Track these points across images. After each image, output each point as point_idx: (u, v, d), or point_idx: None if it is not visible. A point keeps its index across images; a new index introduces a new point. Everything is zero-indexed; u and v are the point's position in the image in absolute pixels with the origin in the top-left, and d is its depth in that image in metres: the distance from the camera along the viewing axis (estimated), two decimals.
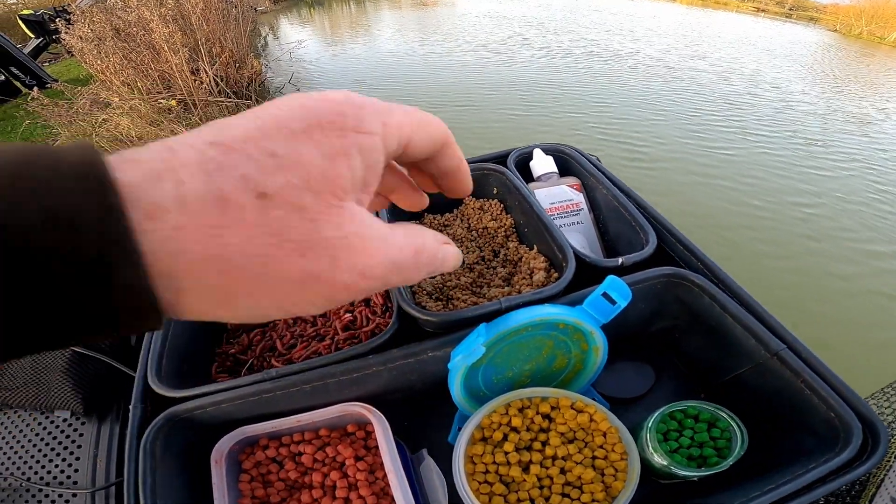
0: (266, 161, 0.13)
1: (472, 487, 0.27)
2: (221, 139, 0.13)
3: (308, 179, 0.14)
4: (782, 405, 0.29)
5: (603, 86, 3.92)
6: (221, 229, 0.13)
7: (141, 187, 0.12)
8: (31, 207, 0.10)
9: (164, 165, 0.12)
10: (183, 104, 2.79)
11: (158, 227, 0.12)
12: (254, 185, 0.13)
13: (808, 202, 2.47)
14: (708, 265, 0.34)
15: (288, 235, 0.13)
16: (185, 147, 0.13)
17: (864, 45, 5.60)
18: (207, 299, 0.13)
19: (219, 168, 0.13)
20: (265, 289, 0.13)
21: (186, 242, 0.12)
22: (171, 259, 0.12)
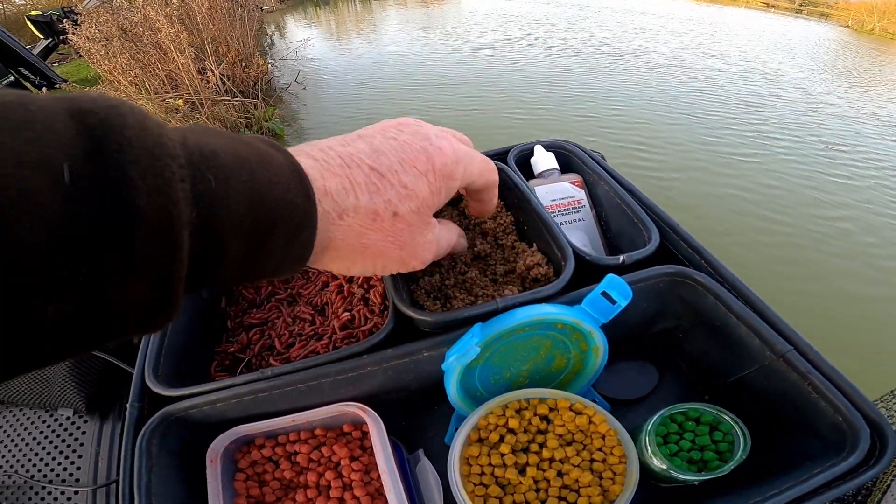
0: (401, 191, 0.21)
1: (468, 489, 0.26)
2: (378, 167, 0.21)
3: (419, 206, 0.22)
4: (788, 408, 0.28)
5: (615, 87, 3.78)
6: (369, 229, 0.21)
7: (339, 195, 0.20)
8: (277, 194, 0.17)
9: (349, 183, 0.20)
10: (190, 103, 2.81)
11: (342, 223, 0.20)
12: (393, 207, 0.21)
13: (835, 215, 2.30)
14: (713, 264, 0.34)
15: (399, 238, 0.22)
16: (356, 167, 0.20)
17: (877, 42, 5.46)
18: (341, 263, 0.21)
19: (376, 191, 0.21)
20: (374, 261, 0.22)
21: (350, 234, 0.20)
22: (339, 240, 0.20)
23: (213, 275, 0.15)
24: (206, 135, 0.16)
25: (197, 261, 0.14)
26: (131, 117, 0.13)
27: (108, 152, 0.12)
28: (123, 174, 0.12)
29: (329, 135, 0.48)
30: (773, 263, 1.96)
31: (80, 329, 0.12)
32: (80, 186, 0.11)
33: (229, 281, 0.17)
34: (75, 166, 0.11)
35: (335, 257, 0.21)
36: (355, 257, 0.21)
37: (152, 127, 0.13)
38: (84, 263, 0.11)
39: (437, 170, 0.23)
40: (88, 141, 0.11)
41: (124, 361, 0.44)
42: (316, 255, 0.20)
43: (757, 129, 3.17)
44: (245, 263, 0.16)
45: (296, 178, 0.18)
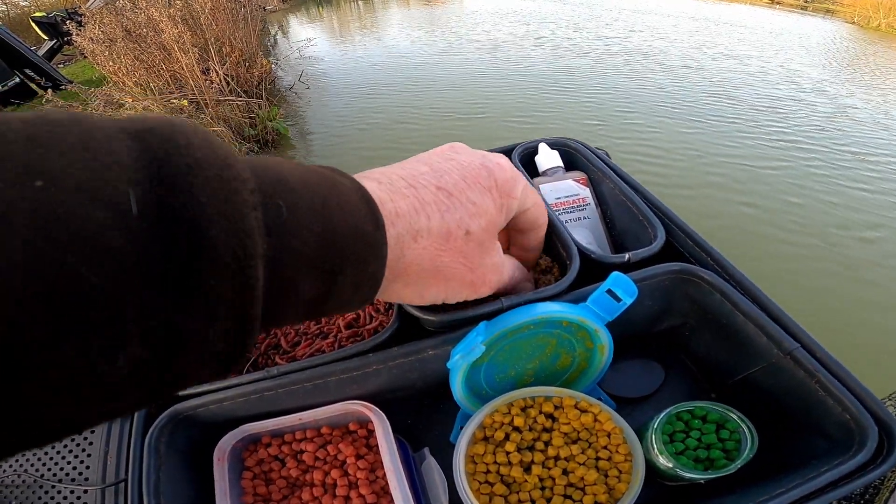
0: (470, 208, 0.21)
1: (473, 487, 0.26)
2: (444, 185, 0.20)
3: (488, 224, 0.22)
4: (795, 406, 0.28)
5: (625, 90, 3.58)
6: (443, 251, 0.20)
7: (411, 216, 0.18)
8: (348, 225, 0.15)
9: (419, 203, 0.19)
10: (194, 104, 2.82)
11: (417, 246, 0.19)
12: (465, 226, 0.20)
13: (866, 236, 2.07)
14: (719, 261, 0.33)
15: (471, 259, 0.21)
16: (422, 188, 0.20)
17: (882, 37, 5.36)
18: (414, 290, 0.20)
19: (447, 210, 0.20)
20: (446, 286, 0.21)
21: (424, 257, 0.19)
22: (414, 265, 0.19)
23: (281, 316, 0.14)
24: (271, 160, 0.14)
25: (269, 297, 0.12)
26: (195, 136, 0.11)
27: (176, 175, 0.10)
28: (192, 202, 0.10)
29: (334, 133, 0.47)
30: (793, 277, 1.81)
31: (151, 383, 0.11)
32: (148, 217, 0.10)
33: (292, 322, 0.15)
34: (139, 193, 0.10)
35: (408, 283, 0.20)
36: (428, 282, 0.20)
37: (218, 147, 0.12)
38: (156, 309, 0.10)
39: (499, 185, 0.22)
40: (152, 163, 0.10)
41: None
42: (387, 283, 0.18)
43: (780, 136, 2.96)
44: (315, 303, 0.15)
45: (365, 205, 0.16)
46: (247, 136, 2.89)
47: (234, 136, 2.78)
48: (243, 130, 2.90)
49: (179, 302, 0.10)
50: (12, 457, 0.09)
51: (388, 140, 2.93)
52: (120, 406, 0.11)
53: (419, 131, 2.99)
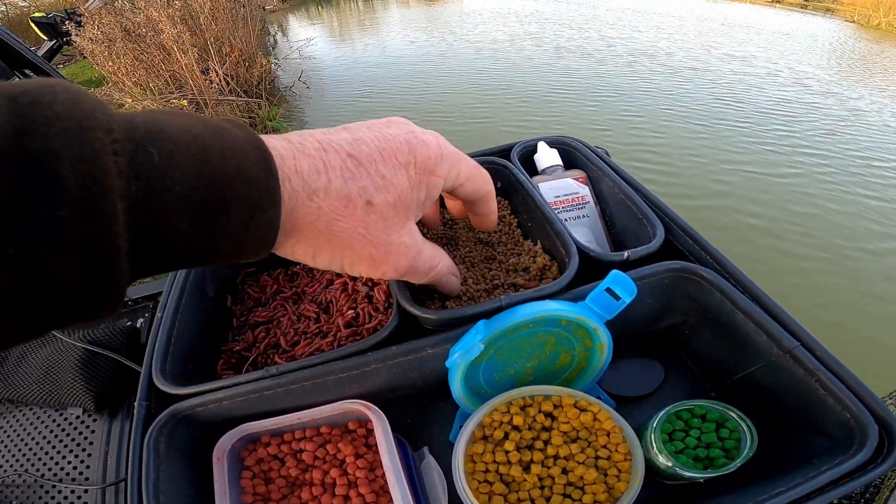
0: (378, 180, 0.20)
1: (472, 486, 0.26)
2: (356, 154, 0.20)
3: (396, 199, 0.21)
4: (795, 405, 0.28)
5: (628, 94, 3.44)
6: (340, 216, 0.20)
7: (310, 175, 0.19)
8: (230, 167, 0.16)
9: (322, 165, 0.19)
10: (194, 104, 2.82)
11: (311, 204, 0.19)
12: (367, 196, 0.20)
13: (890, 248, 1.94)
14: (718, 259, 0.33)
15: (371, 232, 0.21)
16: (333, 152, 0.20)
17: (884, 36, 5.32)
18: (306, 249, 0.20)
19: (351, 177, 0.20)
20: (340, 253, 0.21)
21: (320, 218, 0.19)
22: (307, 223, 0.19)
23: (159, 253, 0.15)
24: (164, 114, 0.16)
25: (141, 237, 0.14)
26: (64, 94, 0.13)
27: (35, 127, 0.12)
28: (48, 146, 0.12)
29: None
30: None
31: (16, 307, 0.12)
32: (6, 160, 0.11)
33: (188, 262, 0.16)
34: (2, 142, 0.11)
35: (300, 240, 0.20)
36: (321, 244, 0.20)
37: (86, 102, 0.13)
38: (11, 236, 0.11)
39: (418, 163, 0.22)
40: (18, 118, 0.12)
41: (132, 360, 0.44)
42: (281, 238, 0.19)
43: (790, 142, 2.81)
44: (201, 242, 0.16)
45: (257, 153, 0.17)
46: None
47: None
48: None
49: (31, 230, 0.11)
50: None
51: None
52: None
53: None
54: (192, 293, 0.39)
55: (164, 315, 0.36)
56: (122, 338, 0.47)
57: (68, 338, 0.46)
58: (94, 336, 0.46)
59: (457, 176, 0.24)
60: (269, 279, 0.44)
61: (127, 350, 0.46)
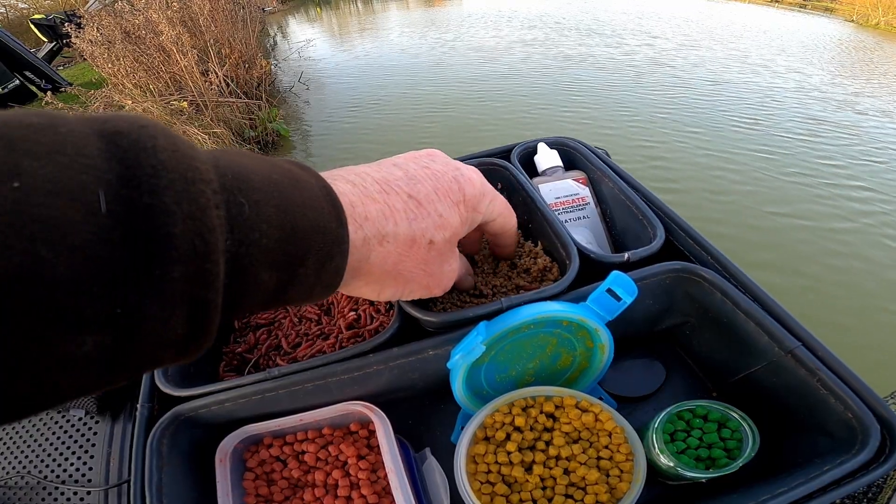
0: (437, 219, 0.22)
1: (474, 487, 0.26)
2: (415, 194, 0.21)
3: (451, 236, 0.23)
4: (797, 405, 0.28)
5: (638, 109, 3.14)
6: (405, 257, 0.21)
7: (379, 221, 0.20)
8: (308, 219, 0.16)
9: (388, 210, 0.20)
10: (194, 105, 2.82)
11: (382, 250, 0.20)
12: (429, 236, 0.22)
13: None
14: (719, 259, 0.33)
15: (430, 266, 0.23)
16: (394, 194, 0.21)
17: (882, 35, 5.28)
18: (373, 288, 0.22)
19: (415, 218, 0.21)
20: (403, 287, 0.23)
21: (388, 260, 0.21)
22: (377, 266, 0.20)
23: (243, 304, 0.15)
24: (238, 157, 0.15)
25: (229, 291, 0.14)
26: (163, 139, 0.12)
27: (142, 177, 0.11)
28: (158, 200, 0.11)
29: (334, 134, 0.46)
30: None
31: (116, 362, 0.12)
32: (115, 215, 0.11)
33: (257, 310, 0.16)
34: (109, 193, 0.11)
35: (368, 282, 0.21)
36: (387, 282, 0.22)
37: (184, 149, 0.13)
38: (120, 297, 0.11)
39: (467, 200, 0.24)
40: (120, 165, 0.11)
41: None
42: (350, 278, 0.20)
43: (827, 172, 2.43)
44: (276, 292, 0.16)
45: (328, 202, 0.17)
46: (247, 138, 2.89)
47: (235, 138, 2.78)
48: (243, 132, 2.90)
49: (140, 291, 0.11)
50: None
51: (388, 140, 2.93)
52: (87, 383, 0.12)
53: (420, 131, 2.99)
54: None
55: None
56: None
57: None
58: None
59: (491, 212, 0.26)
60: None
61: None
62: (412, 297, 0.24)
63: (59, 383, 0.11)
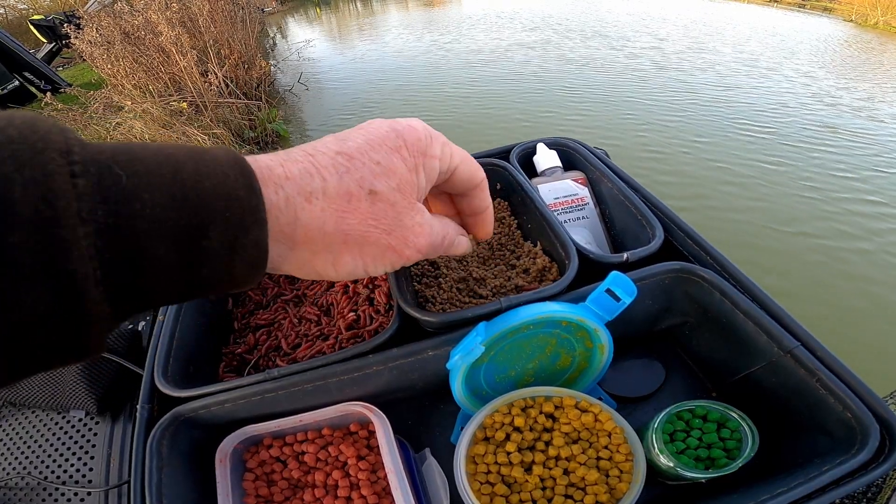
0: (374, 168, 0.20)
1: (474, 488, 0.26)
2: (345, 150, 0.19)
3: (399, 184, 0.20)
4: (796, 405, 0.28)
5: (645, 123, 2.91)
6: (346, 213, 0.19)
7: (303, 178, 0.18)
8: (206, 186, 0.15)
9: (312, 167, 0.18)
10: (194, 106, 2.82)
11: (313, 207, 0.18)
12: (367, 185, 0.19)
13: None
14: (718, 259, 0.34)
15: (383, 221, 0.20)
16: (320, 154, 0.19)
17: (885, 36, 5.24)
18: (325, 258, 0.19)
19: (346, 171, 0.19)
20: (361, 252, 0.20)
21: (326, 221, 0.18)
22: (315, 229, 0.18)
23: (145, 284, 0.14)
24: (137, 143, 0.15)
25: (115, 266, 0.13)
26: (20, 119, 0.12)
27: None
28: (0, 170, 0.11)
29: (333, 133, 0.45)
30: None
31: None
32: None
33: (175, 294, 0.15)
34: None
35: (315, 251, 0.19)
36: (338, 248, 0.19)
37: (43, 125, 0.12)
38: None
39: (409, 145, 0.21)
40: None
41: (134, 363, 0.44)
42: (289, 251, 0.18)
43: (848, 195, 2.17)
44: (183, 269, 0.15)
45: (236, 170, 0.16)
46: (247, 139, 2.89)
47: (235, 139, 2.78)
48: (243, 132, 2.90)
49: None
50: None
51: None
52: None
53: None
54: None
55: (166, 318, 0.36)
56: (124, 341, 0.47)
57: None
58: None
59: (451, 157, 0.23)
60: (270, 282, 0.44)
61: (129, 353, 0.46)
62: (382, 265, 0.21)
63: None
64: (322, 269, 0.20)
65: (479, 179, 0.26)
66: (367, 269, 0.21)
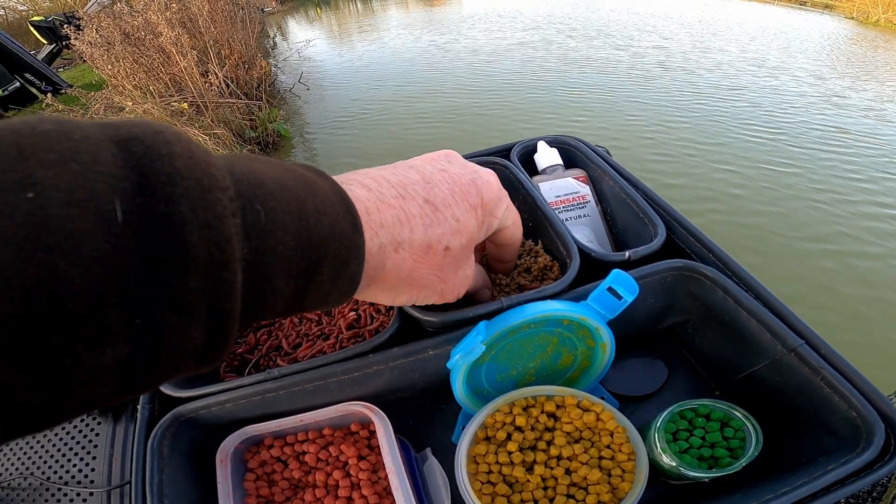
0: (454, 224, 0.21)
1: (475, 488, 0.26)
2: (432, 199, 0.21)
3: (468, 241, 0.22)
4: (800, 403, 0.28)
5: (654, 115, 2.85)
6: (421, 263, 0.21)
7: (395, 227, 0.19)
8: (324, 225, 0.16)
9: (404, 216, 0.20)
10: (195, 107, 2.82)
11: (397, 257, 0.20)
12: (445, 241, 0.21)
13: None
14: (721, 257, 0.33)
15: (445, 272, 0.22)
16: (411, 199, 0.20)
17: (888, 34, 5.18)
18: (388, 294, 0.21)
19: (430, 224, 0.21)
20: (417, 293, 0.22)
21: (403, 267, 0.20)
22: (392, 273, 0.20)
23: (261, 312, 0.15)
24: (252, 162, 0.15)
25: (247, 299, 0.13)
26: (178, 145, 0.12)
27: (157, 185, 0.11)
28: (174, 209, 0.11)
29: (334, 133, 0.45)
30: None
31: (134, 374, 0.11)
32: (131, 224, 0.10)
33: (274, 317, 0.16)
34: (125, 202, 0.10)
35: (384, 288, 0.21)
36: (402, 288, 0.21)
37: (200, 155, 0.12)
38: (138, 308, 0.11)
39: (484, 204, 0.23)
40: (135, 173, 0.11)
41: None
42: (365, 285, 0.19)
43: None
44: (293, 300, 0.16)
45: (343, 207, 0.17)
46: (248, 139, 2.89)
47: (236, 139, 2.79)
48: (244, 132, 2.90)
49: (158, 302, 0.11)
50: (6, 442, 0.11)
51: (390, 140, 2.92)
52: (105, 395, 0.11)
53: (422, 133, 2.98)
54: None
55: None
56: None
57: None
58: None
59: (506, 218, 0.25)
60: None
61: None
62: (426, 302, 0.23)
63: (78, 395, 0.11)
64: (382, 300, 0.22)
65: (517, 239, 0.28)
66: (417, 302, 0.23)
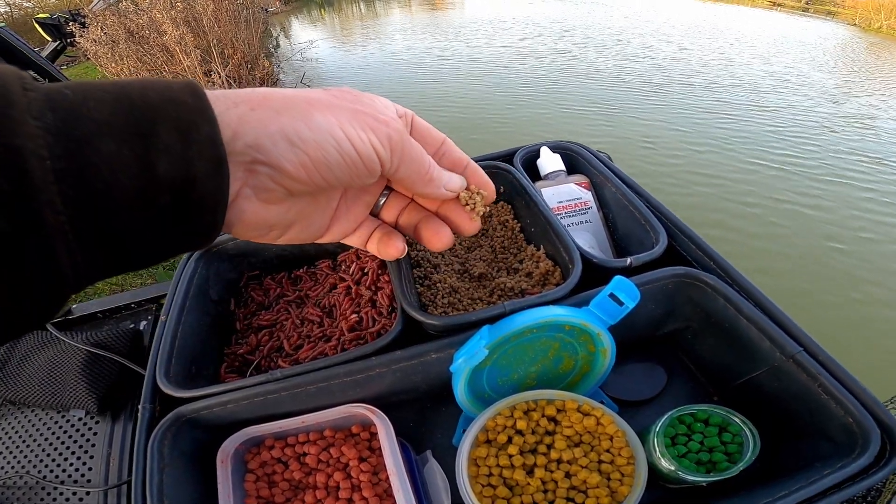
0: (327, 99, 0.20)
1: (476, 490, 0.26)
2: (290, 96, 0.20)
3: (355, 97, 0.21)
4: (797, 409, 0.28)
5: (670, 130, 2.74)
6: (307, 92, 0.20)
7: (252, 100, 0.18)
8: (151, 96, 0.16)
9: (264, 99, 0.19)
10: None
11: (277, 93, 0.19)
12: (317, 96, 0.20)
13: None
14: (721, 265, 0.34)
15: (344, 96, 0.20)
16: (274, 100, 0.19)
17: (885, 40, 5.20)
18: (293, 116, 0.19)
19: (296, 93, 0.20)
20: (333, 113, 0.19)
21: (287, 94, 0.19)
22: (277, 97, 0.19)
23: (100, 177, 0.14)
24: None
25: (68, 159, 0.14)
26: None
27: None
28: None
29: None
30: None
31: None
32: None
33: (135, 195, 0.15)
34: None
35: (277, 110, 0.18)
36: (303, 108, 0.19)
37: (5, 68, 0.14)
38: None
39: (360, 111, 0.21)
40: None
41: (135, 363, 0.44)
42: (247, 115, 0.18)
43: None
44: (138, 164, 0.15)
45: (183, 85, 0.17)
46: None
47: None
48: None
49: None
50: None
51: None
52: None
53: None
54: (196, 296, 0.39)
55: (168, 318, 0.36)
56: (126, 340, 0.47)
57: (71, 340, 0.46)
58: (98, 338, 0.46)
59: (404, 115, 0.24)
60: (273, 282, 0.44)
61: (130, 352, 0.46)
62: (360, 126, 0.20)
63: None
64: (293, 128, 0.18)
65: (439, 137, 0.25)
66: (345, 129, 0.19)
